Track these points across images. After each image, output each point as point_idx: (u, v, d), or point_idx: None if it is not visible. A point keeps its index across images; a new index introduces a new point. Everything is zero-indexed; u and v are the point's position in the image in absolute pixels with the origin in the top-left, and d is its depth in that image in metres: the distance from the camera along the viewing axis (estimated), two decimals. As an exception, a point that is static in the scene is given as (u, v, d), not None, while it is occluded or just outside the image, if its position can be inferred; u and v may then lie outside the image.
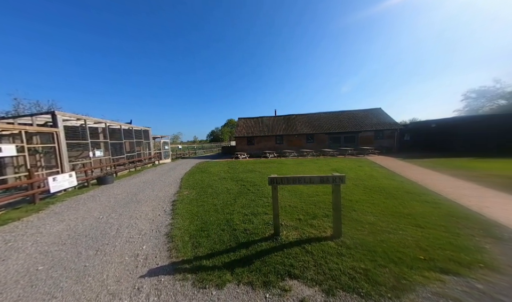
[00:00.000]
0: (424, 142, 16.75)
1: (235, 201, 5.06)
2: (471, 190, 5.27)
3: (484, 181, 5.95)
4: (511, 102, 22.39)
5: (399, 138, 17.58)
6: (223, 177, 8.51)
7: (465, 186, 5.64)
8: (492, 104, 24.40)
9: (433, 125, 16.52)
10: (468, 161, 9.68)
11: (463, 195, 4.88)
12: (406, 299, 1.84)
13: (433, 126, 16.43)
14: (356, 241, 2.87)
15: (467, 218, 3.54)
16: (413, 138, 18.14)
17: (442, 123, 15.98)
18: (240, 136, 20.34)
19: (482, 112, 24.17)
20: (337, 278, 2.14)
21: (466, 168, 7.98)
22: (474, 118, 15.73)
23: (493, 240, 2.80)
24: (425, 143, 16.60)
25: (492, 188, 5.28)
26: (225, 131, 55.93)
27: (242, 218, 3.92)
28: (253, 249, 2.79)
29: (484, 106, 25.09)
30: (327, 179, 3.13)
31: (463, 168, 8.13)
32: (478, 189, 5.32)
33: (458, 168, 8.09)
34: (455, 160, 10.19)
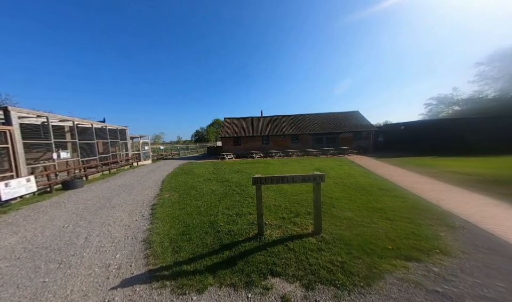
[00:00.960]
0: (395, 143, 18.51)
1: (220, 202, 4.97)
2: (431, 185, 5.98)
3: (441, 177, 6.81)
4: (463, 108, 26.04)
5: (374, 139, 19.15)
6: (208, 178, 8.30)
7: (427, 182, 6.38)
8: (449, 109, 28.08)
9: (402, 127, 18.37)
10: (430, 160, 10.97)
11: (424, 189, 5.51)
12: (376, 286, 2.00)
13: (402, 128, 18.27)
14: (335, 236, 3.04)
15: (428, 210, 4.01)
16: (385, 139, 19.91)
17: (410, 125, 17.87)
18: (227, 137, 20.06)
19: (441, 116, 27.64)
20: (316, 272, 2.24)
21: (428, 166, 9.03)
22: (434, 121, 17.97)
23: (447, 228, 3.22)
24: (396, 143, 18.36)
25: (447, 183, 6.06)
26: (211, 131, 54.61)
27: (227, 219, 3.86)
28: (236, 250, 2.77)
29: (443, 111, 28.74)
30: (308, 178, 3.26)
31: (425, 166, 9.19)
32: (437, 184, 6.06)
33: (422, 166, 9.12)
34: (419, 159, 11.46)
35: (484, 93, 24.43)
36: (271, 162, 13.51)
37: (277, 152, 17.77)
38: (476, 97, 25.04)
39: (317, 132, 19.41)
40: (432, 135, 15.41)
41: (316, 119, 21.35)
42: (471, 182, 6.00)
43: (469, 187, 5.53)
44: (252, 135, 19.83)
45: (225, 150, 19.81)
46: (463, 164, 9.19)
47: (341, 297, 1.87)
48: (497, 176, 6.48)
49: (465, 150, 13.30)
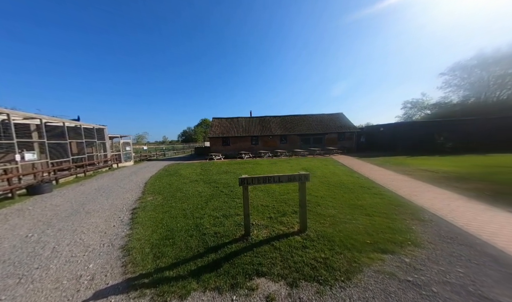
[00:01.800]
0: (375, 143, 19.81)
1: (206, 204, 4.85)
2: (405, 182, 6.50)
3: (414, 175, 7.44)
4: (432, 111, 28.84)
5: (357, 140, 20.28)
6: (195, 180, 8.05)
7: (402, 179, 6.93)
8: (421, 113, 30.92)
9: (381, 128, 19.74)
10: (405, 159, 11.94)
11: (400, 186, 5.97)
12: (355, 279, 2.11)
13: (381, 130, 19.64)
14: (319, 234, 3.15)
15: (402, 205, 4.35)
16: (367, 139, 21.20)
17: (388, 127, 19.28)
18: (215, 137, 19.70)
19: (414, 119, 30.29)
20: (300, 270, 2.29)
21: (403, 165, 9.82)
22: (408, 124, 19.63)
23: (418, 221, 3.52)
24: (376, 143, 19.65)
25: (419, 180, 6.64)
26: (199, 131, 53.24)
27: (213, 221, 3.78)
28: (222, 252, 2.72)
29: (416, 114, 31.55)
30: (294, 177, 3.34)
31: (401, 164, 9.98)
32: (410, 181, 6.62)
33: (398, 165, 9.88)
34: (396, 158, 12.41)
35: (449, 99, 27.39)
36: (260, 162, 13.57)
37: (266, 152, 17.91)
38: (443, 102, 27.96)
39: (305, 133, 19.98)
40: (406, 136, 16.79)
41: (303, 120, 21.97)
42: (438, 179, 6.65)
43: (437, 183, 6.13)
44: (241, 136, 19.73)
45: (214, 151, 19.44)
46: (432, 162, 10.15)
47: (323, 293, 1.94)
48: (459, 173, 7.27)
49: (434, 149, 14.72)
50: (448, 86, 26.95)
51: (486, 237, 2.92)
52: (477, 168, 7.97)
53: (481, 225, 3.28)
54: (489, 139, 14.86)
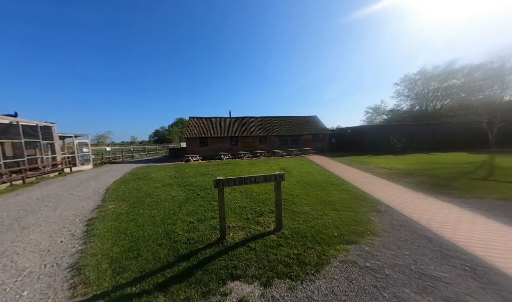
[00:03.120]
0: (344, 144, 21.93)
1: (180, 209, 4.54)
2: (367, 178, 7.37)
3: (374, 172, 8.50)
4: (389, 117, 33.60)
5: (329, 141, 22.08)
6: (168, 183, 7.47)
7: (365, 176, 7.83)
8: (380, 118, 35.65)
9: (349, 130, 22.00)
10: (367, 158, 13.54)
11: (363, 182, 6.73)
12: (324, 271, 2.27)
13: (349, 132, 21.87)
14: (293, 231, 3.28)
15: (364, 199, 4.90)
16: (337, 140, 23.30)
17: (353, 129, 21.60)
18: (192, 137, 18.71)
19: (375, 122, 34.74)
20: (274, 268, 2.34)
21: (366, 163, 11.12)
22: (369, 127, 22.40)
23: (376, 213, 4.02)
24: (345, 144, 21.77)
25: (378, 176, 7.61)
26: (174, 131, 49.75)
27: (187, 227, 3.56)
28: (195, 259, 2.57)
29: (376, 119, 36.22)
30: (270, 177, 3.40)
31: (364, 163, 11.28)
32: (371, 177, 7.53)
33: (362, 163, 11.15)
34: (360, 157, 13.97)
35: (400, 106, 32.36)
36: (239, 163, 13.46)
37: (245, 153, 17.88)
38: (396, 109, 32.87)
39: (283, 134, 20.73)
40: (368, 137, 19.10)
41: (281, 122, 22.76)
42: (392, 174, 7.76)
43: (391, 178, 7.13)
44: (220, 136, 19.24)
45: (191, 152, 18.43)
46: (388, 161, 11.78)
47: (295, 288, 2.02)
48: (407, 169, 8.63)
49: (389, 149, 17.13)
50: (399, 95, 31.87)
51: (424, 222, 3.52)
52: (420, 165, 9.60)
53: (421, 213, 3.94)
54: (429, 140, 18.11)
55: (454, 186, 5.71)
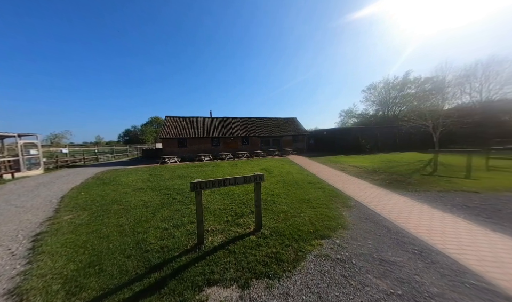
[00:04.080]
0: (321, 144, 23.46)
1: (154, 215, 4.20)
2: (340, 176, 8.03)
3: (346, 170, 9.32)
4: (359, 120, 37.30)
5: (307, 142, 23.34)
6: (140, 187, 6.84)
7: (338, 174, 8.51)
8: (352, 121, 39.31)
9: (325, 132, 23.65)
10: (340, 157, 14.77)
11: (336, 180, 7.31)
12: (299, 267, 2.39)
13: (325, 133, 23.51)
14: (272, 230, 3.36)
15: (337, 196, 5.33)
16: (315, 141, 24.81)
17: (329, 131, 23.32)
18: (169, 137, 17.54)
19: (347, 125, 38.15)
20: (253, 269, 2.36)
21: (339, 163, 12.12)
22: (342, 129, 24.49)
23: (347, 208, 4.40)
24: (322, 145, 23.31)
25: (349, 174, 8.36)
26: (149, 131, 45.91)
27: (160, 234, 3.31)
28: (169, 268, 2.41)
29: (348, 121, 39.82)
30: (250, 178, 3.42)
31: (337, 162, 12.27)
32: (343, 176, 8.23)
33: (336, 163, 12.10)
34: (334, 157, 15.15)
35: (368, 111, 36.28)
36: (220, 164, 13.17)
37: (227, 154, 17.59)
38: (364, 113, 36.71)
39: (265, 135, 21.08)
40: (342, 139, 20.86)
41: (263, 123, 23.13)
42: (361, 172, 8.62)
43: (360, 176, 7.92)
44: (200, 137, 18.50)
45: (168, 153, 17.26)
46: (357, 160, 13.05)
47: (272, 286, 2.07)
48: (373, 167, 9.71)
49: (359, 150, 19.01)
50: (367, 101, 35.72)
51: (385, 214, 4.01)
52: (382, 164, 10.90)
53: (383, 206, 4.48)
54: (390, 142, 20.70)
55: (408, 181, 6.65)
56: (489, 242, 2.85)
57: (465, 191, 5.37)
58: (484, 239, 2.95)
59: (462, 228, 3.30)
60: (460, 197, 4.93)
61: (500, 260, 2.43)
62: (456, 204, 4.43)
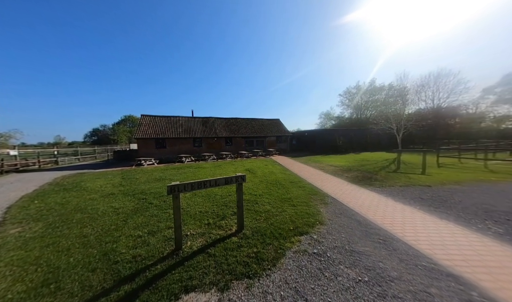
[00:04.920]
0: (303, 145, 24.53)
1: (125, 223, 3.85)
2: (319, 175, 8.52)
3: (324, 169, 9.93)
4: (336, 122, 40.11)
5: (290, 142, 24.15)
6: (110, 193, 6.19)
7: (317, 173, 9.01)
8: (330, 122, 42.06)
9: (306, 133, 24.80)
10: (320, 157, 15.66)
11: (316, 179, 7.73)
12: (279, 264, 2.46)
13: (306, 134, 24.66)
14: (254, 230, 3.39)
15: (316, 194, 5.63)
16: (297, 142, 25.83)
17: (310, 132, 24.55)
18: (146, 138, 16.28)
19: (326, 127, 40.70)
20: (233, 270, 2.34)
21: (319, 162, 12.84)
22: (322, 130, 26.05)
23: (324, 205, 4.69)
24: (303, 145, 24.37)
25: (327, 173, 8.93)
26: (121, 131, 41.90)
27: (133, 243, 3.06)
28: (141, 279, 2.24)
29: (327, 123, 42.52)
30: (231, 179, 3.39)
31: (317, 162, 12.99)
32: (322, 174, 8.75)
33: (315, 162, 12.79)
34: (315, 157, 16.00)
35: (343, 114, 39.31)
36: (203, 166, 12.74)
37: (210, 155, 17.10)
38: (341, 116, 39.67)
39: (249, 135, 21.12)
40: (321, 139, 22.15)
41: (247, 124, 23.16)
42: (337, 171, 9.28)
43: (336, 174, 8.52)
44: (181, 137, 17.61)
45: (144, 154, 16.01)
46: (334, 159, 14.02)
47: (252, 286, 2.09)
48: (348, 166, 10.54)
49: (336, 150, 20.43)
50: (342, 104, 38.68)
51: (357, 208, 4.39)
52: (356, 162, 11.91)
53: (355, 201, 4.90)
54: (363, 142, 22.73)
55: (376, 178, 7.40)
56: (437, 228, 3.36)
57: (421, 185, 6.21)
58: (433, 226, 3.46)
59: (418, 218, 3.82)
60: (417, 190, 5.69)
61: (444, 243, 2.88)
62: (413, 197, 5.09)
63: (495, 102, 28.89)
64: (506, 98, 28.54)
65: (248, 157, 17.89)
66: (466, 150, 12.39)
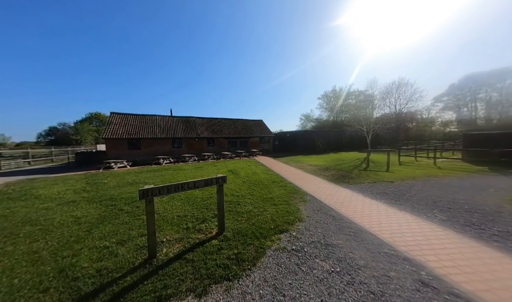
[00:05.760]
0: (285, 145, 25.32)
1: (89, 233, 3.43)
2: (299, 174, 8.91)
3: (304, 169, 10.42)
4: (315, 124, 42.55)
5: (273, 143, 24.68)
6: (70, 200, 5.44)
7: (297, 172, 9.41)
8: (310, 124, 44.39)
9: (288, 134, 25.69)
10: (301, 157, 16.38)
11: (296, 178, 8.07)
12: (259, 263, 2.49)
13: (288, 135, 25.54)
14: (235, 231, 3.37)
15: (296, 192, 5.87)
16: (280, 143, 26.55)
17: (292, 133, 25.51)
18: (116, 138, 14.75)
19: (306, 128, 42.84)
20: (212, 274, 2.29)
21: (299, 162, 13.42)
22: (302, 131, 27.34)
23: (303, 203, 4.92)
24: (286, 146, 25.17)
25: (306, 172, 9.39)
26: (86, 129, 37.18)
27: (98, 255, 2.74)
28: (107, 295, 2.02)
29: (307, 125, 44.79)
30: (211, 181, 3.31)
31: (298, 162, 13.56)
32: (302, 173, 9.17)
33: (296, 162, 13.34)
34: (296, 157, 16.67)
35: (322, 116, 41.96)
36: (183, 167, 12.12)
37: (191, 156, 16.37)
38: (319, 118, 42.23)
39: (232, 136, 20.88)
40: (302, 140, 23.21)
41: (230, 124, 22.88)
42: (316, 170, 9.85)
43: (315, 173, 9.02)
44: (158, 137, 16.45)
45: (114, 156, 14.48)
46: (314, 159, 14.83)
47: (231, 288, 2.08)
48: (325, 165, 11.27)
49: (316, 150, 21.66)
50: (321, 107, 41.27)
51: (332, 205, 4.73)
52: (332, 162, 12.81)
53: (331, 198, 5.27)
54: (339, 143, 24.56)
55: (350, 176, 8.09)
56: (397, 219, 3.84)
57: (386, 181, 7.01)
58: (394, 217, 3.94)
59: (382, 210, 4.30)
60: (382, 186, 6.40)
61: (402, 231, 3.30)
62: (379, 192, 5.72)
63: (442, 109, 34.78)
64: (450, 106, 34.58)
65: (231, 158, 17.67)
66: (420, 149, 14.48)
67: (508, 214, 3.87)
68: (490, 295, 1.92)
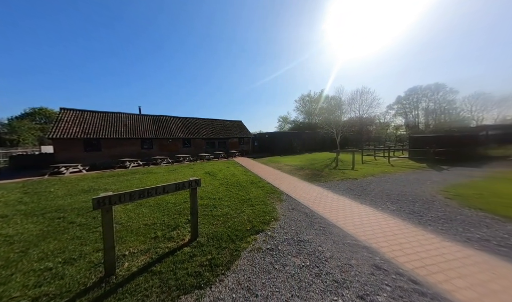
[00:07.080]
0: (264, 146, 25.80)
1: (25, 254, 2.81)
2: (277, 175, 9.20)
3: (282, 169, 10.82)
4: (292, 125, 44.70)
5: (252, 144, 24.85)
6: (3, 215, 4.36)
7: (275, 173, 9.70)
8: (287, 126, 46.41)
9: (267, 135, 26.26)
10: (279, 158, 16.96)
11: (274, 178, 8.30)
12: (234, 266, 2.46)
13: (267, 136, 26.12)
14: (210, 236, 3.25)
15: (273, 192, 6.04)
16: (259, 143, 26.92)
17: (270, 134, 26.18)
18: (68, 138, 12.55)
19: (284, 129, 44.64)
20: (182, 284, 2.15)
21: (277, 162, 13.87)
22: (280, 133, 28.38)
23: (279, 202, 5.09)
24: (264, 146, 25.66)
25: (284, 172, 9.76)
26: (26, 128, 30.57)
27: (36, 279, 2.27)
28: (49, 327, 1.69)
29: (285, 126, 46.71)
30: (183, 184, 3.12)
31: (276, 162, 14.00)
32: (280, 174, 9.49)
33: (274, 162, 13.75)
34: (275, 158, 17.18)
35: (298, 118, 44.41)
36: (154, 171, 11.10)
37: (164, 158, 15.13)
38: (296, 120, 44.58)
39: (210, 137, 20.17)
40: (280, 141, 24.06)
41: (208, 124, 22.07)
42: (292, 170, 10.33)
43: (291, 173, 9.46)
44: (124, 137, 14.68)
45: (65, 159, 12.30)
46: (291, 159, 15.55)
47: (203, 296, 1.99)
48: (301, 165, 11.94)
49: (292, 151, 22.75)
50: (297, 110, 43.69)
51: (305, 202, 5.03)
52: (307, 162, 13.66)
53: (305, 196, 5.60)
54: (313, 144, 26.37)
55: (322, 174, 8.76)
56: (358, 211, 4.33)
57: (351, 178, 7.84)
58: (357, 210, 4.44)
59: (347, 205, 4.79)
60: (348, 183, 7.13)
61: (362, 222, 3.74)
62: (346, 188, 6.35)
63: (394, 115, 41.59)
64: (400, 112, 41.65)
65: (209, 159, 17.05)
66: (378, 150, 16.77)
67: (438, 203, 4.80)
68: (424, 270, 2.34)
